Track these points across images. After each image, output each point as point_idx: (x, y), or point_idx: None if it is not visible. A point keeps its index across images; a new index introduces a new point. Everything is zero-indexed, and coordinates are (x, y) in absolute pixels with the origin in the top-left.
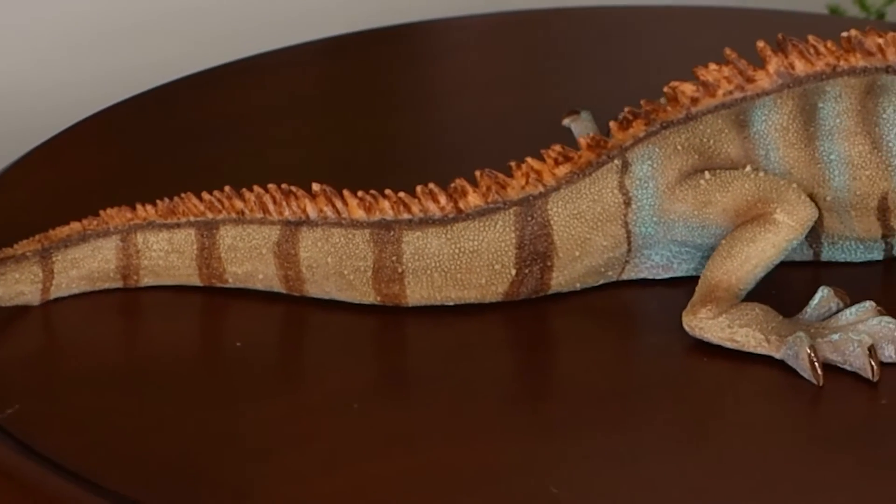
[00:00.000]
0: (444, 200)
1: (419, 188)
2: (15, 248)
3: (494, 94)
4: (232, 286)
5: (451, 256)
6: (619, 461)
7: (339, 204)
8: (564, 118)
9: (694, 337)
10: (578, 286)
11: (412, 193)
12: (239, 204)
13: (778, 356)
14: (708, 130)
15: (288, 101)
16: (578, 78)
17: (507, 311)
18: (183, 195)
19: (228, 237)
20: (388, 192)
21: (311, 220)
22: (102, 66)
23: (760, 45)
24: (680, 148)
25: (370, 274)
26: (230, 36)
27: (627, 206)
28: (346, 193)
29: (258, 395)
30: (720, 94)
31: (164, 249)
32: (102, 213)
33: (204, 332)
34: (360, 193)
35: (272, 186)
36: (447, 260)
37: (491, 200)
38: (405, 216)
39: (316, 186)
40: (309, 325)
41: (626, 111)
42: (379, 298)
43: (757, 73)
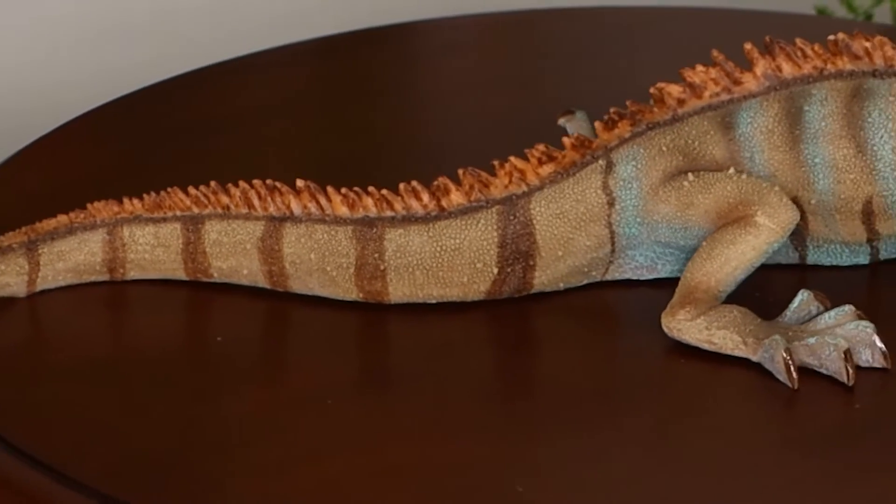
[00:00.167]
0: (426, 198)
1: (402, 186)
2: (1, 239)
3: (487, 94)
4: (217, 281)
5: (432, 254)
6: (588, 461)
7: (322, 200)
8: (560, 118)
9: (672, 338)
10: (562, 286)
11: (397, 191)
12: (224, 199)
13: (755, 359)
14: (693, 132)
15: (278, 100)
16: (573, 78)
17: (489, 309)
18: (169, 189)
19: (213, 232)
20: (371, 189)
21: (294, 216)
22: (93, 65)
23: (748, 47)
24: (665, 149)
25: (353, 271)
26: (221, 36)
27: (611, 206)
28: (329, 190)
29: (236, 389)
30: (707, 95)
31: (149, 243)
32: (89, 206)
33: (187, 326)
34: (343, 190)
35: (257, 182)
36: (429, 258)
37: (474, 199)
38: (388, 213)
39: (300, 183)
40: (291, 320)
41: (611, 112)
42: (361, 295)
43: (744, 75)
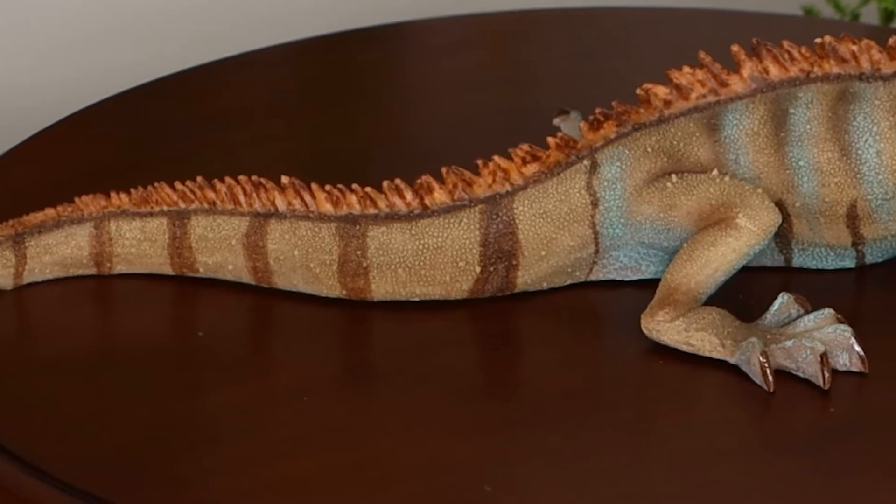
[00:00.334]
0: (410, 196)
1: (385, 183)
2: None
3: (479, 93)
4: (203, 276)
5: (414, 252)
6: (559, 460)
7: (307, 197)
8: (555, 118)
9: (652, 339)
10: (545, 286)
11: (380, 189)
12: (210, 194)
13: (732, 361)
14: (679, 133)
15: (267, 99)
16: (566, 79)
17: (472, 308)
18: (156, 184)
19: (199, 227)
20: (355, 186)
21: (279, 212)
22: (84, 66)
23: (735, 49)
24: (650, 150)
25: (336, 268)
26: (211, 36)
27: (595, 206)
28: (314, 187)
29: (216, 384)
30: (693, 97)
31: (136, 238)
32: (77, 200)
33: (171, 321)
34: (327, 187)
35: (243, 178)
36: (411, 256)
37: (457, 198)
38: (371, 211)
39: (285, 179)
40: (275, 316)
41: (596, 112)
42: (345, 292)
43: (731, 77)
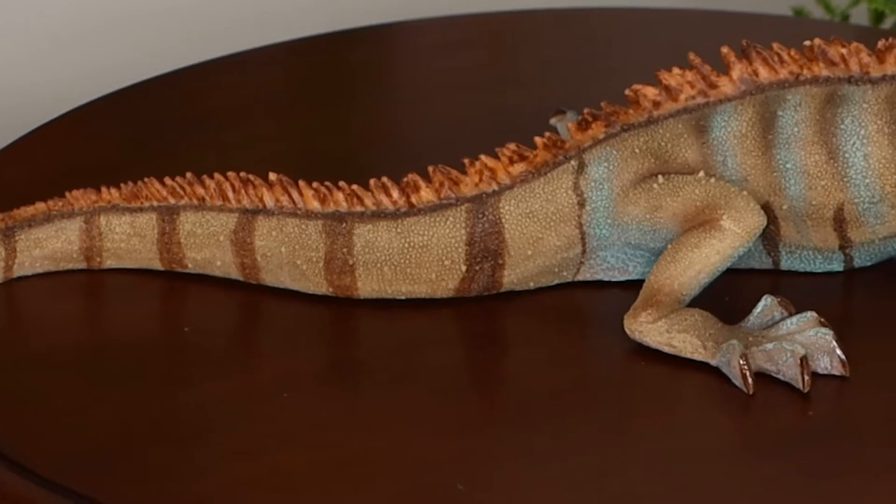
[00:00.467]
0: (396, 195)
1: (372, 181)
2: None
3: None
4: (192, 271)
5: (400, 250)
6: (534, 460)
7: (294, 194)
8: (551, 118)
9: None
10: (532, 285)
11: (367, 187)
12: (200, 190)
13: (713, 363)
14: (667, 135)
15: (258, 99)
16: (558, 79)
17: (458, 307)
18: (146, 180)
19: (188, 223)
20: (342, 184)
21: (267, 208)
22: (76, 65)
23: (724, 50)
24: (637, 151)
25: (322, 265)
26: (202, 36)
27: (582, 207)
28: (301, 184)
29: (198, 379)
30: (682, 98)
31: (126, 233)
32: (68, 194)
33: (158, 316)
34: (314, 184)
35: (231, 174)
36: (397, 254)
37: (443, 196)
38: (358, 209)
39: (273, 176)
40: (262, 313)
41: (585, 112)
42: (331, 289)
43: (720, 78)
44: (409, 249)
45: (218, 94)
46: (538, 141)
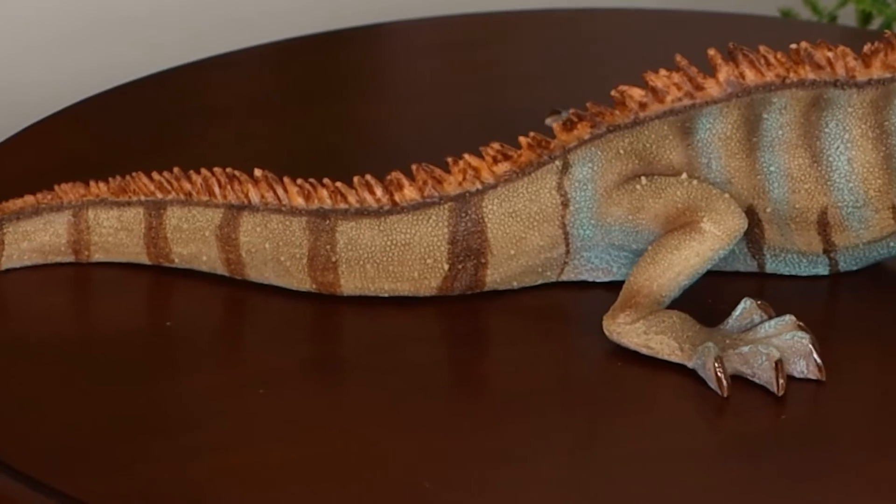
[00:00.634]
0: (380, 192)
1: (356, 179)
2: None
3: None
4: (178, 266)
5: (382, 248)
6: (503, 460)
7: (279, 190)
8: (547, 118)
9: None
10: (515, 285)
11: (351, 184)
12: (187, 185)
13: (690, 365)
14: (652, 136)
15: (249, 99)
16: (547, 80)
17: (441, 305)
18: (134, 174)
19: (174, 218)
20: (326, 181)
21: (252, 204)
22: (67, 65)
23: (711, 52)
24: (622, 152)
25: (305, 262)
26: (192, 36)
27: (565, 207)
28: (286, 180)
29: (175, 374)
30: (669, 100)
31: (113, 227)
32: (56, 187)
33: (143, 310)
34: (299, 181)
35: (218, 170)
36: (379, 252)
37: (427, 195)
38: (342, 206)
39: (258, 172)
40: (246, 308)
41: (570, 112)
42: (315, 286)
43: (707, 81)
44: (391, 247)
45: (209, 93)
46: (523, 141)
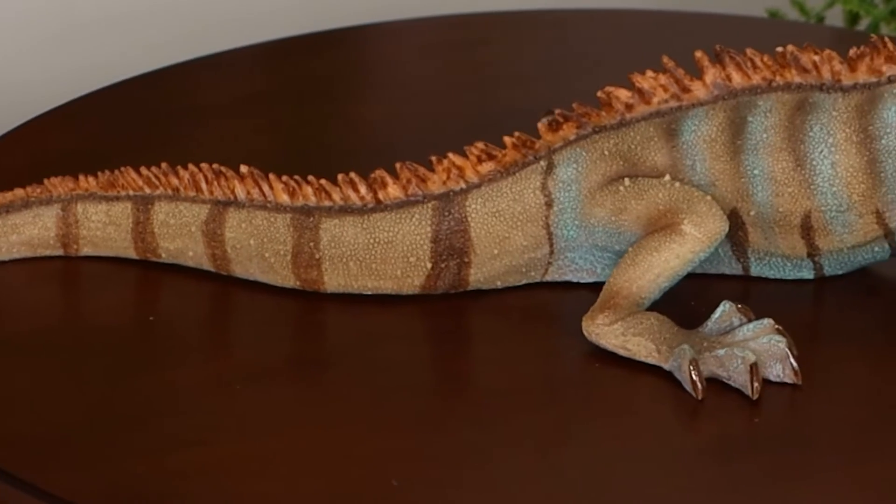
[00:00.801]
0: (364, 190)
1: (340, 176)
2: None
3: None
4: (165, 261)
5: (365, 246)
6: (476, 459)
7: (265, 187)
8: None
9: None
10: (500, 284)
11: (336, 182)
12: (174, 181)
13: (666, 367)
14: (638, 137)
15: (237, 98)
16: (534, 80)
17: (424, 304)
18: (122, 169)
19: (162, 213)
20: (311, 178)
21: (238, 200)
22: (57, 65)
23: (698, 55)
24: (607, 153)
25: (289, 258)
26: (182, 37)
27: (549, 207)
28: (271, 177)
29: (153, 368)
30: (655, 101)
31: (101, 221)
32: (46, 181)
33: (127, 304)
34: (284, 178)
35: (205, 165)
36: (362, 249)
37: (411, 193)
38: (326, 203)
39: (244, 168)
40: (230, 304)
41: (556, 113)
42: (299, 283)
43: (693, 83)
44: (374, 245)
45: (199, 92)
46: (507, 141)
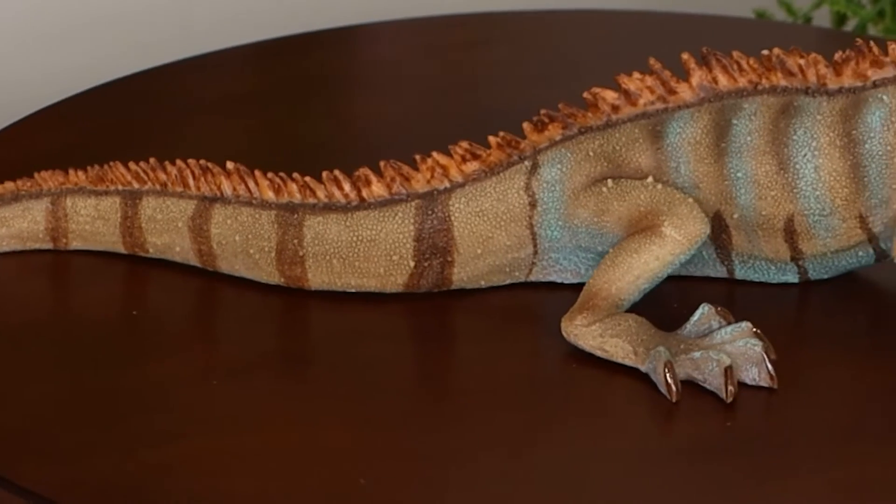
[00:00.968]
0: (348, 188)
1: (325, 174)
2: None
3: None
4: (153, 256)
5: (348, 244)
6: (446, 457)
7: (250, 183)
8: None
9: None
10: (483, 284)
11: (320, 179)
12: (162, 176)
13: (643, 369)
14: (623, 139)
15: (227, 98)
16: (521, 81)
17: (408, 302)
18: (112, 163)
19: (149, 208)
20: (295, 175)
21: (224, 196)
22: (46, 64)
23: (685, 57)
24: (592, 154)
25: (274, 255)
26: (172, 37)
27: (533, 207)
28: (257, 174)
29: (136, 362)
30: (641, 103)
31: (90, 215)
32: (36, 174)
33: (112, 299)
34: (269, 175)
35: (192, 161)
36: (345, 247)
37: (395, 192)
38: (310, 201)
39: (230, 164)
40: (214, 300)
41: (541, 113)
42: (283, 280)
43: (679, 85)
44: (357, 243)
45: (187, 92)
46: (492, 140)
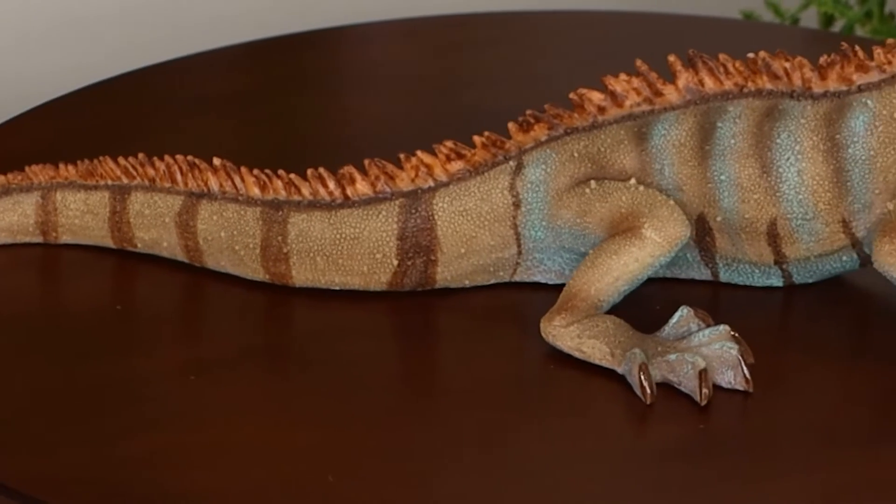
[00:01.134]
0: (332, 186)
1: (310, 171)
2: None
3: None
4: (141, 251)
5: (332, 241)
6: (418, 455)
7: (237, 180)
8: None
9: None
10: (467, 283)
11: (305, 176)
12: (150, 171)
13: (619, 371)
14: (608, 140)
15: (217, 98)
16: (507, 81)
17: (391, 300)
18: (101, 158)
19: (137, 203)
20: (281, 172)
21: (210, 193)
22: (36, 64)
23: (671, 59)
24: (576, 155)
25: (258, 251)
26: (162, 38)
27: (517, 208)
28: (243, 170)
29: (118, 356)
30: (627, 105)
31: (80, 209)
32: (27, 168)
33: (97, 293)
34: (255, 171)
35: (180, 157)
36: (329, 244)
37: (379, 190)
38: (295, 198)
39: (217, 161)
40: (199, 295)
41: (527, 114)
42: (268, 276)
43: (666, 87)
44: (340, 241)
45: (177, 91)
46: (477, 140)
